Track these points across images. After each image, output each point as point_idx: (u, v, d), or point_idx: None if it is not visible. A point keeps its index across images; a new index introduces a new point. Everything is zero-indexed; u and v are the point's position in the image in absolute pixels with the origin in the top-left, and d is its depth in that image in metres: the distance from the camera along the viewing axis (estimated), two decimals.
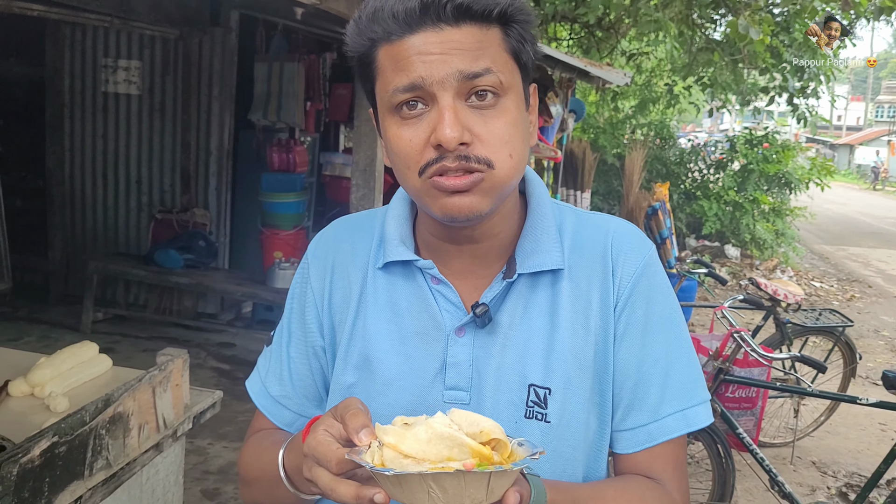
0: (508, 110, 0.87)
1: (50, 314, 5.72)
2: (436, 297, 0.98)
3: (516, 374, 0.95)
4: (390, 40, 0.85)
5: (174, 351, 2.08)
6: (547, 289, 0.97)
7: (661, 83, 12.01)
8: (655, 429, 0.96)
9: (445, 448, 0.73)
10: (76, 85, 5.82)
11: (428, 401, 0.96)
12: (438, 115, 0.83)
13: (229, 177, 5.85)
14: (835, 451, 4.61)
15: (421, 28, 0.83)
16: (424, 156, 0.85)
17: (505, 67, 0.86)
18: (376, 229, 1.05)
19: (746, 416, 3.28)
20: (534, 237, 0.97)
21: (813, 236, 14.69)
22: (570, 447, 0.95)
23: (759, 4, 5.48)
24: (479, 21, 0.84)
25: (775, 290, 4.21)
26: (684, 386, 0.98)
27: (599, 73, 5.40)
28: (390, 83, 0.85)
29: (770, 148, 10.35)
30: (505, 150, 0.86)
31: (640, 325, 0.97)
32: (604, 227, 1.01)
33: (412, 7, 0.82)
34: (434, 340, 0.97)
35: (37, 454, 1.51)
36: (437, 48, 0.83)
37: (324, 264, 1.06)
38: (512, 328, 0.96)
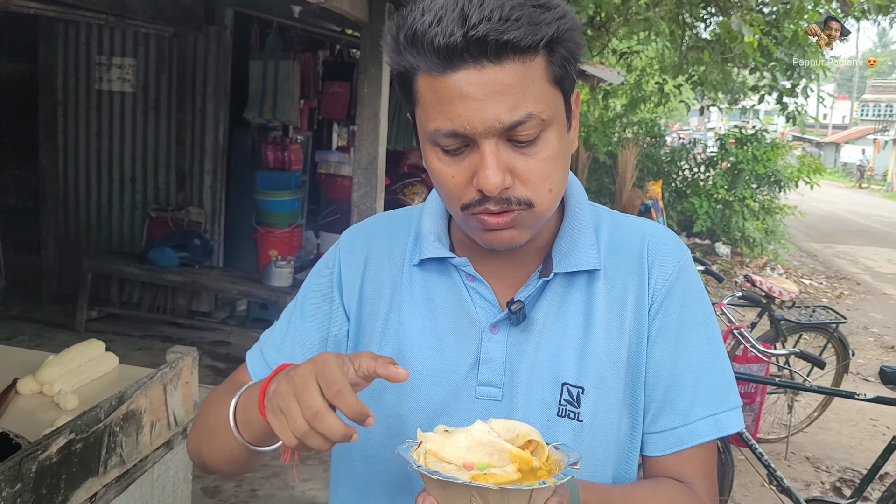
0: (550, 144, 0.86)
1: (43, 313, 5.69)
2: (471, 293, 0.98)
3: (550, 372, 0.95)
4: (430, 72, 0.82)
5: (183, 349, 2.09)
6: (582, 289, 0.98)
7: (651, 82, 12.07)
8: (686, 432, 0.96)
9: (485, 455, 0.74)
10: (70, 82, 5.79)
11: (460, 396, 0.96)
12: (481, 160, 0.83)
13: (224, 175, 5.84)
14: (828, 447, 4.66)
15: (462, 66, 0.80)
16: (467, 194, 0.86)
17: (547, 101, 0.84)
18: (413, 226, 1.06)
19: (746, 411, 3.31)
20: (571, 237, 0.98)
21: (801, 234, 14.81)
22: (601, 447, 0.95)
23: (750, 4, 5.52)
24: (522, 54, 0.80)
25: (770, 288, 4.26)
26: (716, 391, 0.98)
27: (594, 71, 5.43)
28: (432, 121, 0.84)
29: (759, 146, 10.43)
30: (545, 187, 0.87)
31: (673, 328, 0.97)
32: (640, 230, 1.02)
33: (455, 42, 0.78)
34: (468, 337, 0.97)
35: (54, 451, 1.52)
36: (480, 91, 0.80)
37: (357, 255, 1.06)
38: (546, 326, 0.97)
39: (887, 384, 2.78)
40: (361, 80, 3.30)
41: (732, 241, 10.48)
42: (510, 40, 0.78)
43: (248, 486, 3.52)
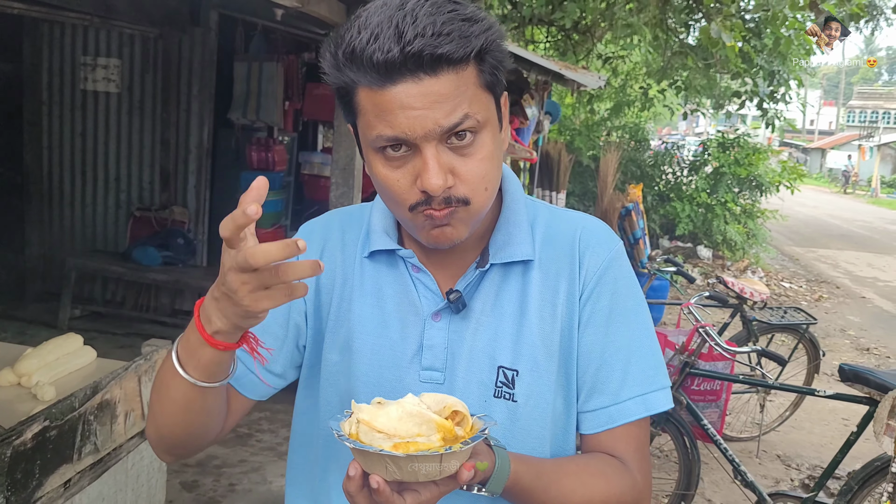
0: (485, 145, 0.93)
1: (26, 311, 5.72)
2: (416, 284, 1.05)
3: (486, 356, 1.02)
4: (370, 86, 0.88)
5: (159, 342, 2.16)
6: (518, 278, 1.05)
7: (636, 86, 12.19)
8: (616, 411, 1.03)
9: (414, 425, 0.82)
10: (55, 82, 5.83)
11: (405, 380, 1.03)
12: (423, 164, 0.89)
13: (208, 175, 5.89)
14: (799, 445, 4.76)
15: (401, 79, 0.86)
16: (412, 196, 0.92)
17: (480, 104, 0.91)
18: (365, 221, 1.12)
19: (711, 408, 3.40)
20: (506, 230, 1.05)
21: (784, 238, 14.95)
22: (537, 426, 1.02)
23: (730, 11, 5.62)
24: (455, 65, 0.87)
25: (742, 289, 4.34)
26: (645, 373, 1.05)
27: (574, 76, 5.52)
28: (373, 129, 0.90)
29: (741, 151, 10.55)
30: (481, 186, 0.94)
31: (604, 314, 1.04)
32: (574, 223, 1.09)
33: (393, 58, 0.84)
34: (412, 324, 1.04)
35: (29, 437, 1.58)
36: (419, 102, 0.87)
37: (313, 247, 1.11)
38: (484, 314, 1.04)
39: (845, 381, 2.87)
40: None
41: (714, 244, 10.59)
42: (443, 54, 0.85)
43: (226, 480, 3.58)
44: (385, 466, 0.79)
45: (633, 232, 7.42)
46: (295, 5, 2.65)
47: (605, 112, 12.98)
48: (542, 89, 6.02)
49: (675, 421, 3.21)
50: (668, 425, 3.24)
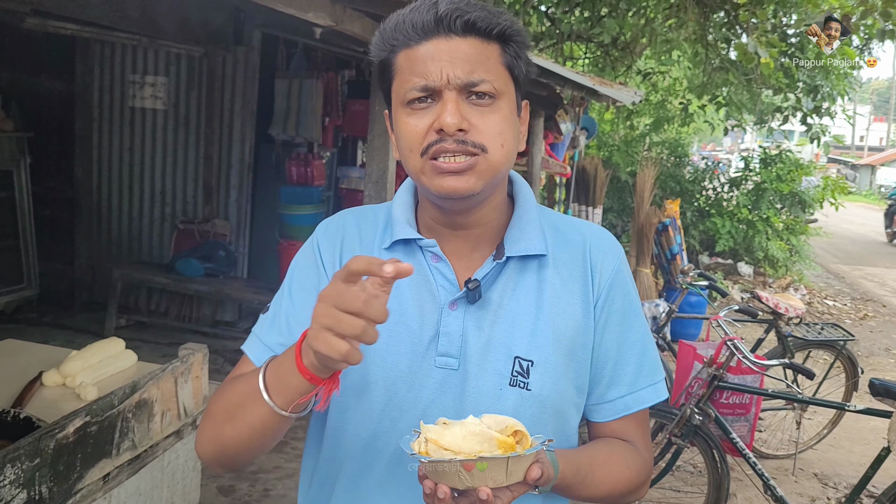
0: (502, 110, 1.04)
1: (74, 320, 5.91)
2: (433, 273, 1.11)
3: (503, 346, 1.09)
4: (409, 45, 1.02)
5: (195, 345, 2.25)
6: (533, 273, 1.12)
7: (676, 102, 12.13)
8: (632, 400, 1.15)
9: (477, 443, 0.89)
10: (105, 100, 6.05)
11: (422, 364, 1.09)
12: (442, 106, 1.01)
13: (249, 189, 6.04)
14: (837, 464, 4.68)
15: (434, 37, 1.01)
16: (427, 138, 1.02)
17: (499, 77, 1.04)
18: (381, 217, 1.19)
19: (740, 422, 3.38)
20: (520, 227, 1.14)
21: (829, 255, 14.67)
22: (546, 414, 1.10)
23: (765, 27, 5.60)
24: (482, 36, 1.02)
25: (776, 304, 4.31)
26: (653, 364, 1.18)
27: (608, 91, 5.55)
28: (407, 82, 1.02)
29: (783, 167, 10.42)
30: (498, 140, 1.03)
31: (618, 315, 1.15)
32: (581, 230, 1.19)
33: (428, 20, 1.01)
34: (430, 312, 1.10)
35: (71, 431, 1.67)
36: (446, 55, 1.01)
37: (333, 243, 1.17)
38: (501, 306, 1.10)
39: (876, 396, 2.85)
40: (372, 97, 3.47)
41: (755, 261, 10.45)
42: (470, 20, 1.00)
43: (261, 486, 3.66)
44: (458, 475, 0.86)
45: (671, 247, 7.38)
46: (329, 24, 2.75)
47: (644, 127, 12.93)
48: (577, 105, 6.06)
49: (703, 434, 3.21)
50: (696, 439, 3.24)
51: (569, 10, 9.54)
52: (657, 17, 9.08)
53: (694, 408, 3.20)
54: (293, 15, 2.58)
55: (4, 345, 2.50)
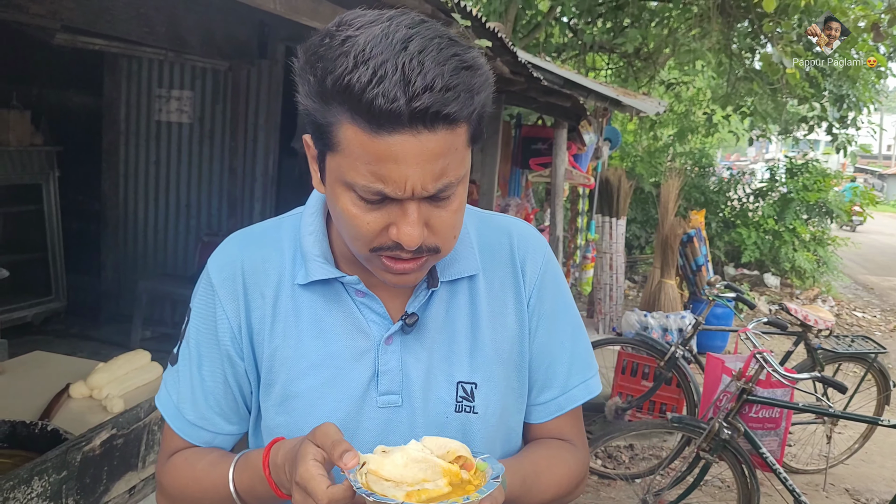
0: (459, 196, 0.91)
1: (101, 332, 5.96)
2: (361, 310, 1.02)
3: (444, 373, 1.03)
4: (362, 127, 0.81)
5: None
6: (465, 293, 1.06)
7: (699, 112, 12.06)
8: (564, 400, 1.11)
9: (420, 470, 0.83)
10: (132, 114, 6.12)
11: (364, 408, 1.01)
12: (402, 216, 0.87)
13: (273, 202, 6.07)
14: (869, 479, 4.59)
15: (400, 130, 0.81)
16: (379, 239, 0.89)
17: (464, 163, 0.89)
18: (286, 243, 1.06)
19: (770, 436, 3.32)
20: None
21: (858, 266, 14.45)
22: (494, 431, 1.06)
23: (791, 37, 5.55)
24: (452, 124, 0.83)
25: (805, 316, 4.25)
26: (584, 361, 1.13)
27: (632, 102, 5.52)
28: (357, 174, 0.84)
29: (810, 177, 10.31)
30: (451, 234, 0.94)
31: (548, 314, 1.10)
32: (504, 230, 1.11)
33: (398, 109, 0.79)
34: (364, 351, 1.02)
35: (97, 444, 1.68)
36: (413, 158, 0.82)
37: (233, 285, 1.04)
38: (437, 332, 1.04)
39: None
40: None
41: (782, 272, 10.33)
42: (450, 113, 0.81)
43: None
44: None
45: (696, 259, 7.31)
46: None
47: (668, 138, 12.86)
48: (600, 115, 6.03)
49: (732, 449, 3.16)
50: (725, 453, 3.19)
51: (591, 20, 9.54)
52: (680, 27, 9.05)
53: (723, 422, 3.15)
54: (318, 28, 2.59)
55: (33, 357, 2.52)
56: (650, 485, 3.48)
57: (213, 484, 1.00)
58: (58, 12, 3.57)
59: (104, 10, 3.90)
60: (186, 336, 1.07)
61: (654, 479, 3.61)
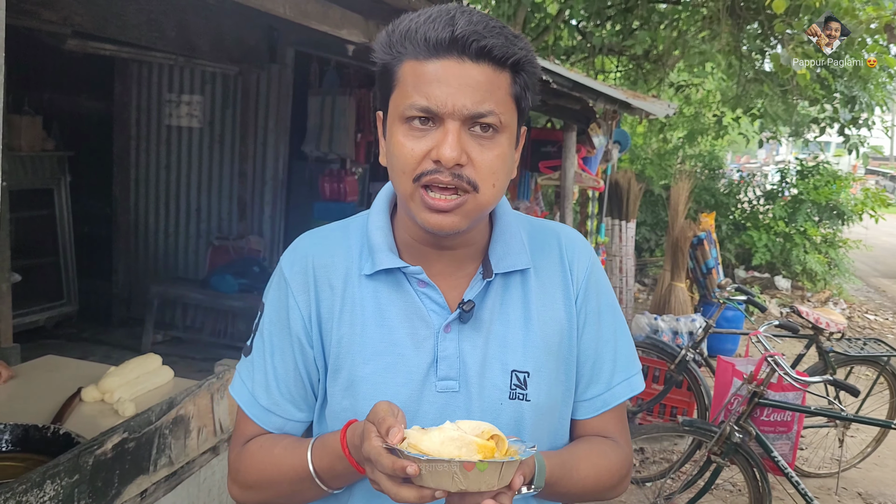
0: (501, 145, 1.01)
1: (112, 336, 5.99)
2: (422, 300, 1.10)
3: (499, 361, 1.10)
4: (417, 58, 0.98)
5: (230, 362, 2.26)
6: (518, 286, 1.13)
7: (709, 114, 12.02)
8: (609, 396, 1.18)
9: (455, 447, 0.88)
10: (142, 119, 6.15)
11: (424, 392, 1.08)
12: (443, 136, 0.97)
13: (283, 205, 6.09)
14: (882, 483, 4.55)
15: (446, 56, 0.96)
16: (422, 165, 0.99)
17: (506, 109, 1.00)
18: (353, 239, 1.15)
19: (782, 440, 3.30)
20: (504, 242, 1.13)
21: (870, 269, 14.36)
22: (545, 421, 1.13)
23: (802, 37, 5.52)
24: (495, 63, 0.98)
25: (817, 319, 4.22)
26: (627, 359, 1.20)
27: (641, 104, 5.51)
28: (408, 98, 0.98)
29: (821, 178, 10.25)
30: (490, 179, 1.01)
31: (594, 313, 1.17)
32: (553, 233, 1.20)
33: (443, 37, 0.96)
34: (424, 339, 1.09)
35: (109, 448, 1.68)
36: (456, 80, 0.96)
37: (304, 278, 1.13)
38: (492, 322, 1.11)
39: None
40: None
41: (793, 274, 10.27)
42: (487, 46, 0.96)
43: None
44: (453, 477, 0.86)
45: (706, 261, 7.29)
46: (363, 41, 2.76)
47: (678, 140, 12.82)
48: (610, 118, 6.02)
49: (744, 452, 3.14)
50: (737, 457, 3.17)
51: (600, 23, 9.52)
52: (690, 29, 9.02)
53: (734, 425, 3.13)
54: (327, 32, 2.60)
55: (45, 361, 2.54)
56: (661, 488, 3.46)
57: (291, 466, 1.07)
58: (69, 18, 3.60)
59: (115, 15, 3.93)
60: (260, 328, 1.16)
61: (665, 483, 3.59)
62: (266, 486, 1.11)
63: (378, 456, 0.89)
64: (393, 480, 0.89)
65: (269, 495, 1.13)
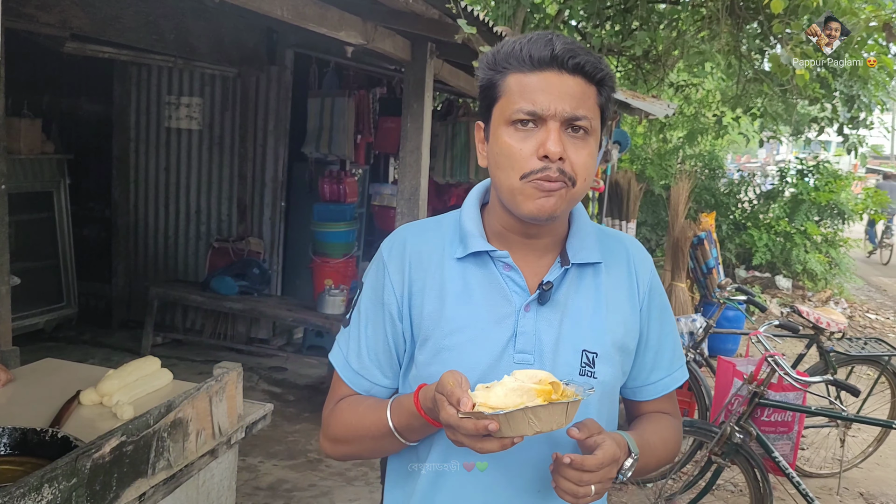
0: (590, 146, 1.18)
1: (112, 338, 6.00)
2: (506, 282, 1.25)
3: (571, 341, 1.24)
4: (522, 71, 1.16)
5: (229, 364, 2.25)
6: (590, 278, 1.29)
7: (709, 114, 12.00)
8: (670, 380, 1.38)
9: (517, 396, 1.02)
10: (142, 121, 6.16)
11: (501, 362, 1.22)
12: (547, 134, 1.14)
13: (283, 207, 6.09)
14: (884, 483, 4.55)
15: (547, 70, 1.15)
16: (530, 164, 1.15)
17: (595, 116, 1.18)
18: (446, 228, 1.32)
19: (783, 440, 3.29)
20: (580, 237, 1.30)
21: (871, 268, 14.36)
22: (606, 397, 1.28)
23: (800, 37, 5.50)
24: (586, 78, 1.16)
25: (818, 318, 4.21)
26: (680, 352, 1.41)
27: (641, 104, 5.50)
28: (515, 104, 1.15)
29: (821, 178, 10.24)
30: (583, 174, 1.18)
31: (657, 311, 1.35)
32: (621, 241, 1.38)
33: (545, 55, 1.14)
34: (506, 316, 1.24)
35: (107, 451, 1.68)
36: (556, 89, 1.14)
37: (400, 260, 1.29)
38: (567, 306, 1.26)
39: None
40: (405, 115, 3.47)
41: (793, 274, 10.25)
42: (581, 63, 1.15)
43: (296, 503, 3.66)
44: (528, 422, 0.99)
45: (706, 261, 7.27)
46: (361, 42, 2.76)
47: (678, 140, 12.81)
48: (610, 118, 6.02)
49: (745, 453, 3.13)
50: (737, 457, 3.16)
51: (599, 24, 9.51)
52: (689, 29, 9.00)
53: (734, 426, 3.13)
54: (325, 34, 2.60)
55: (44, 364, 2.53)
56: (662, 489, 3.46)
57: (372, 422, 1.24)
58: (67, 21, 3.60)
59: (113, 18, 3.93)
60: (357, 304, 1.34)
61: (666, 484, 3.59)
62: (352, 439, 1.29)
63: (458, 423, 1.02)
64: (474, 438, 1.03)
65: (355, 448, 1.30)
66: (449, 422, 1.04)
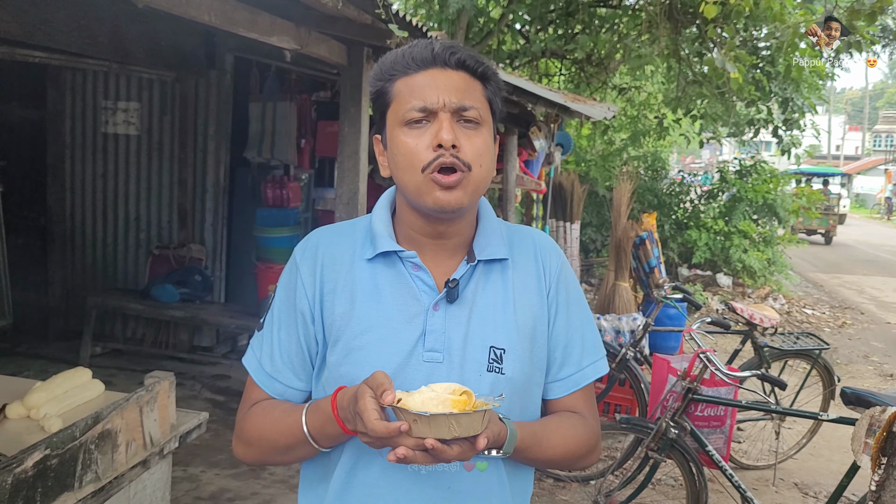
0: (483, 135, 1.23)
1: (49, 349, 5.84)
2: (415, 281, 1.28)
3: (479, 338, 1.26)
4: (408, 74, 1.22)
5: (161, 374, 2.22)
6: (498, 275, 1.32)
7: (651, 116, 12.23)
8: (579, 376, 1.36)
9: (433, 405, 1.06)
10: (77, 126, 6.01)
11: (411, 360, 1.24)
12: (439, 126, 1.19)
13: (225, 213, 6.01)
14: (817, 473, 4.69)
15: (431, 68, 1.22)
16: (426, 156, 1.19)
17: (483, 107, 1.24)
18: (358, 231, 1.35)
19: (716, 434, 3.38)
20: (486, 235, 1.33)
21: (808, 265, 14.81)
22: (516, 394, 1.28)
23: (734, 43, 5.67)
24: (469, 72, 1.24)
25: (751, 315, 4.34)
26: (594, 344, 1.39)
27: (580, 108, 5.58)
28: (406, 104, 1.21)
29: (758, 177, 10.52)
30: (479, 160, 1.21)
31: (564, 304, 1.36)
32: (529, 236, 1.40)
33: (426, 55, 1.22)
34: (416, 315, 1.26)
35: (30, 465, 1.64)
36: (442, 83, 1.21)
37: (312, 262, 1.32)
38: (475, 303, 1.28)
39: (848, 405, 2.86)
40: (342, 120, 3.47)
41: (734, 272, 10.52)
42: (462, 58, 1.23)
43: None
44: (448, 427, 1.03)
45: (648, 261, 7.42)
46: (295, 47, 2.75)
47: (621, 142, 13.03)
48: (552, 121, 6.10)
49: (680, 448, 3.21)
50: (673, 452, 3.24)
51: (542, 27, 9.63)
52: (630, 32, 9.17)
53: (669, 421, 3.20)
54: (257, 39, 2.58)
55: None
56: (602, 486, 3.52)
57: (287, 426, 1.24)
58: None
59: (43, 22, 3.84)
60: (271, 308, 1.36)
61: (606, 480, 3.65)
62: (265, 443, 1.29)
63: (365, 412, 1.05)
64: (389, 432, 1.04)
65: (268, 452, 1.30)
66: (363, 416, 1.06)
